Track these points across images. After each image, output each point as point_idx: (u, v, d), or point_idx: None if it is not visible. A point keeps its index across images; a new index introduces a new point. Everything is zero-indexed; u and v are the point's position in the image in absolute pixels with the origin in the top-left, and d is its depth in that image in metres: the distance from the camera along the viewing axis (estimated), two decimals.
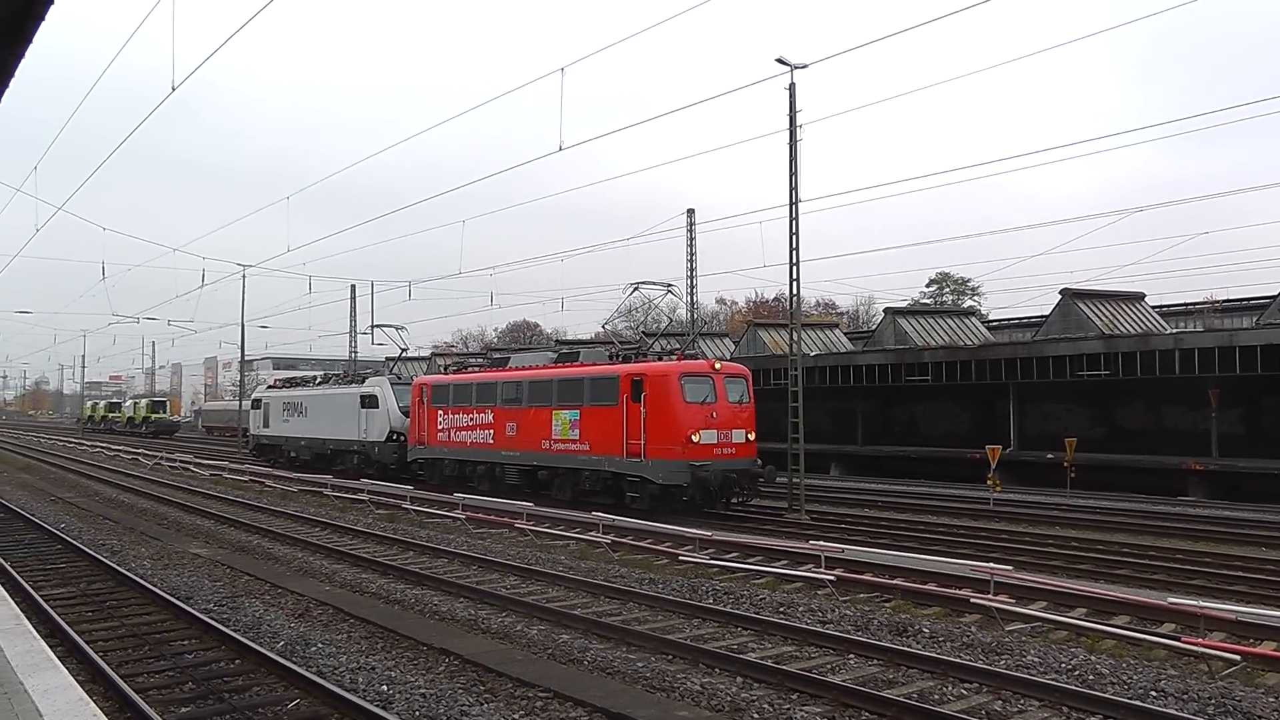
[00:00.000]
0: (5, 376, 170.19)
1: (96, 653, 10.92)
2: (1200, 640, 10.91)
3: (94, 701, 7.55)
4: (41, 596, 14.21)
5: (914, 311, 46.61)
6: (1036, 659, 10.82)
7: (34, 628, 10.22)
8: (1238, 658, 10.26)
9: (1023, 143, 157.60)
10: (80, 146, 36.29)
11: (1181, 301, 48.84)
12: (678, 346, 29.87)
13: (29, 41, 8.62)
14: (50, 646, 9.54)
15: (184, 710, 9.43)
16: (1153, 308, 39.66)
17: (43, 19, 7.99)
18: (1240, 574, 16.41)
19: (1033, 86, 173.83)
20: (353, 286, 63.46)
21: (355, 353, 64.15)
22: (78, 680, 8.31)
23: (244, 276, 55.18)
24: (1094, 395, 33.92)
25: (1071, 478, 28.33)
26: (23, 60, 9.02)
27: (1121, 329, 34.89)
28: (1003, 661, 10.79)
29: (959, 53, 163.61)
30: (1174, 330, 35.30)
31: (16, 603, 11.62)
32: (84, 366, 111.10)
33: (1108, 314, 36.30)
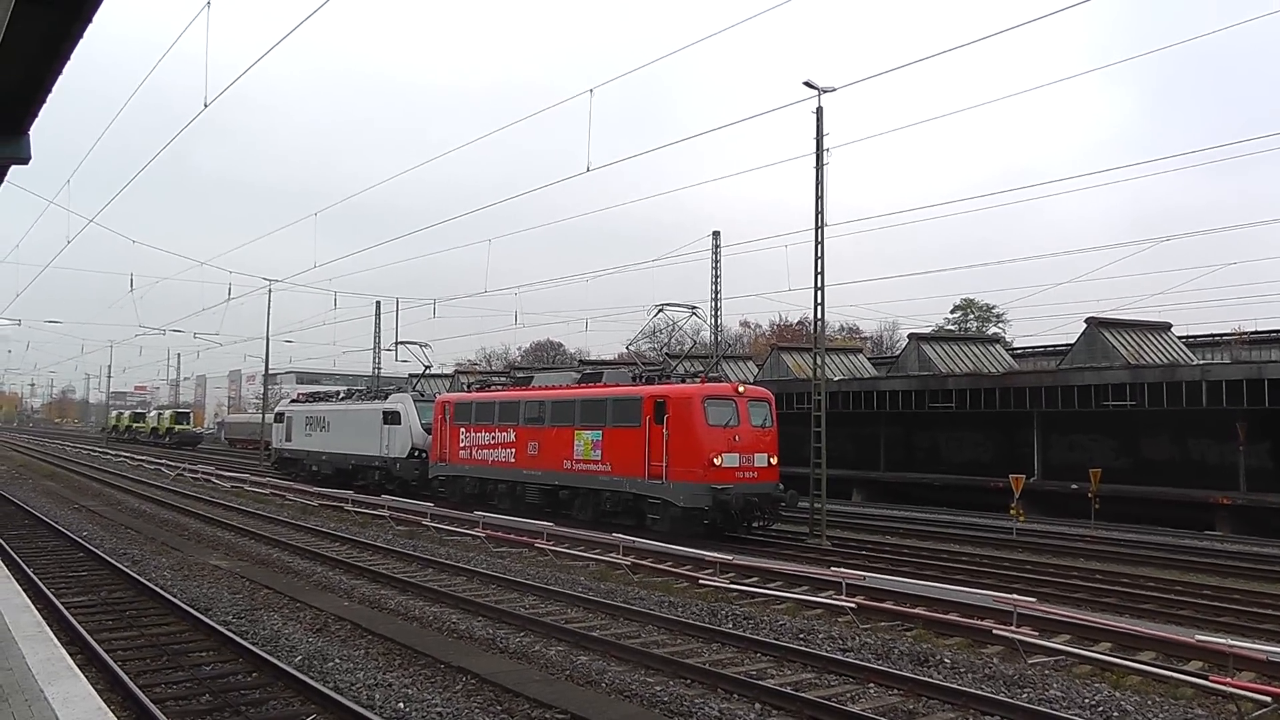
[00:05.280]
0: (33, 384, 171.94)
1: (115, 662, 10.97)
2: (1229, 680, 10.70)
3: (112, 711, 7.56)
4: (63, 604, 14.28)
5: (938, 338, 46.43)
6: (1059, 693, 10.69)
7: (55, 635, 10.25)
8: (1268, 699, 10.06)
9: (1048, 169, 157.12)
10: (113, 161, 36.71)
11: (1209, 332, 48.44)
12: (701, 369, 29.83)
13: (88, 20, 8.74)
14: (70, 654, 9.56)
15: None
16: (1179, 338, 39.32)
17: None
18: (1270, 612, 16.13)
19: (1058, 113, 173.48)
20: (378, 303, 63.76)
21: (379, 369, 64.31)
22: (96, 689, 8.34)
23: (270, 291, 55.57)
24: (1119, 426, 33.60)
25: (1096, 509, 28.07)
26: (80, 40, 9.15)
27: (1147, 359, 34.59)
28: (1025, 695, 10.66)
29: (986, 79, 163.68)
30: (1201, 361, 34.98)
31: (39, 609, 11.65)
32: (110, 376, 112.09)
33: (1133, 344, 36.01)
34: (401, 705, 9.85)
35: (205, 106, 20.48)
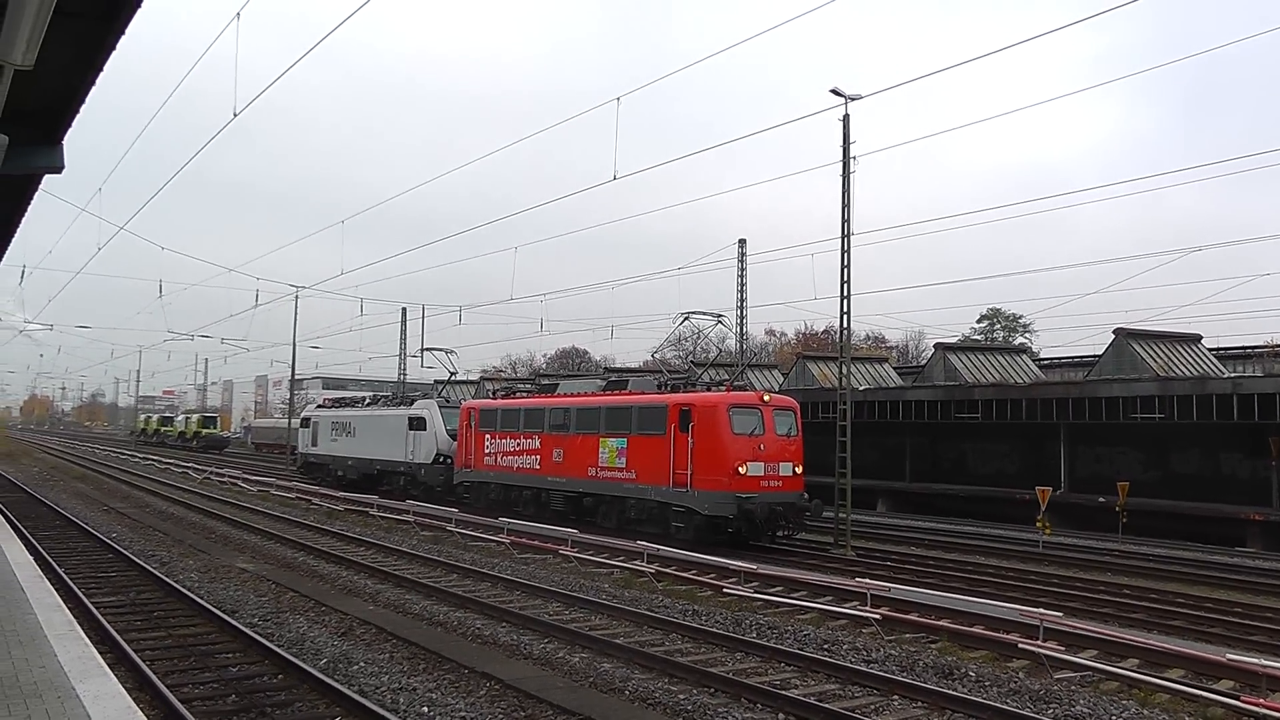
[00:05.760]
0: (64, 388, 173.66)
1: (144, 661, 11.07)
2: (1261, 700, 10.56)
3: (141, 709, 7.63)
4: (93, 604, 14.41)
5: (964, 348, 46.12)
6: (1086, 709, 10.59)
7: (85, 634, 10.35)
8: None
9: (1077, 178, 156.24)
10: (142, 169, 37.10)
11: (1240, 344, 47.91)
12: (726, 378, 29.81)
13: (122, 32, 8.88)
14: (100, 653, 9.65)
15: None
16: (1210, 350, 38.94)
17: (139, 5, 8.26)
18: None
19: (1087, 120, 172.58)
20: (404, 310, 64.15)
21: (404, 375, 64.67)
22: (126, 688, 8.42)
23: (297, 297, 55.97)
24: (1148, 439, 33.32)
25: (1123, 523, 27.85)
26: (114, 51, 9.29)
27: (1177, 371, 34.28)
28: (1050, 710, 10.57)
29: (1014, 86, 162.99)
30: (1232, 374, 34.66)
31: (70, 609, 11.78)
32: (139, 381, 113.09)
33: (1163, 355, 35.69)
34: (425, 709, 9.89)
35: (235, 115, 20.68)
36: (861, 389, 39.38)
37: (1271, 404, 27.73)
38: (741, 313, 48.08)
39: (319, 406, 51.04)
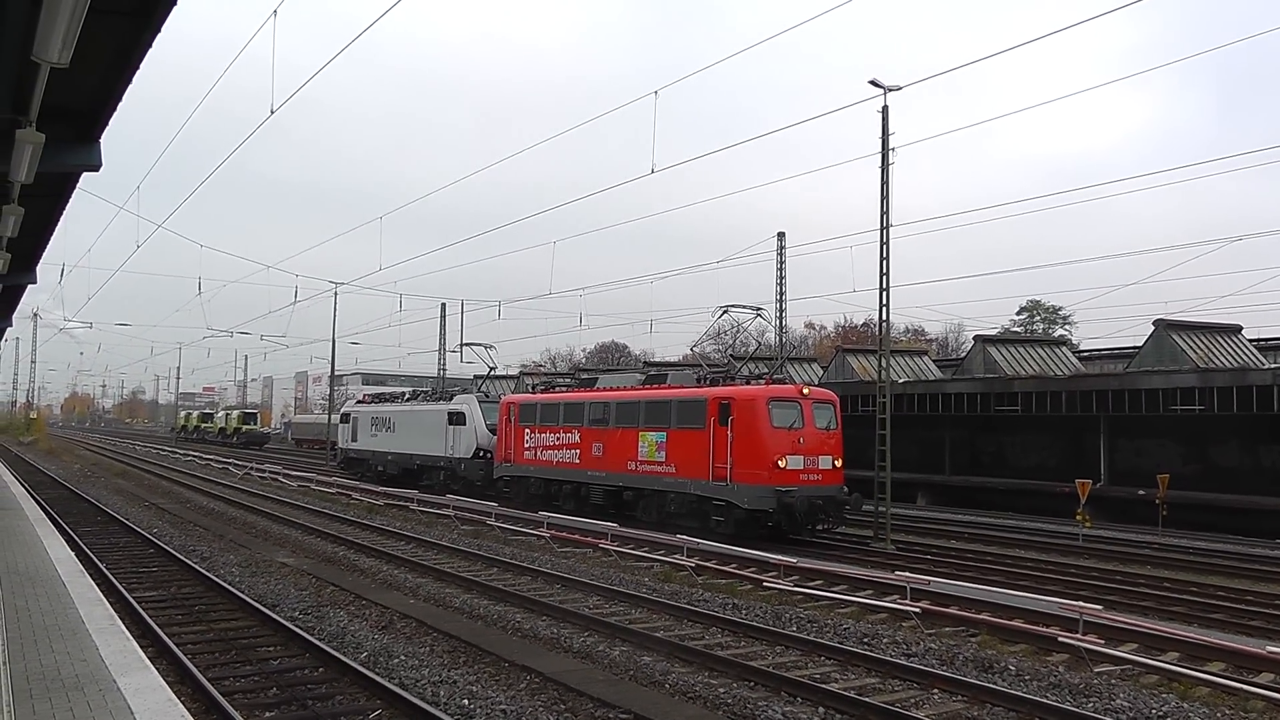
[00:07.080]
0: (105, 385, 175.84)
1: (185, 655, 11.19)
2: None
3: (182, 702, 7.69)
4: (134, 598, 14.57)
5: (1004, 340, 45.67)
6: (1126, 703, 10.50)
7: (127, 628, 10.45)
8: None
9: (1116, 167, 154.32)
10: (180, 166, 37.51)
11: None
12: (765, 371, 29.70)
13: (158, 30, 8.95)
14: (141, 647, 9.73)
15: (268, 715, 9.61)
16: (1250, 341, 38.36)
17: (174, 2, 8.32)
18: None
19: (1126, 109, 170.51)
20: (443, 305, 64.39)
21: (444, 370, 64.86)
22: (167, 681, 8.49)
23: (336, 294, 56.32)
24: (1188, 431, 32.92)
25: (1164, 516, 27.55)
26: (150, 49, 9.36)
27: (1217, 362, 33.79)
28: (1090, 704, 10.49)
29: (1052, 75, 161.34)
30: (1273, 365, 34.13)
31: (111, 603, 11.89)
32: (179, 377, 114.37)
33: (1203, 346, 35.19)
34: (465, 702, 9.93)
35: (272, 113, 20.80)
36: (901, 382, 39.14)
37: None
38: (781, 306, 47.90)
39: (359, 402, 51.30)
